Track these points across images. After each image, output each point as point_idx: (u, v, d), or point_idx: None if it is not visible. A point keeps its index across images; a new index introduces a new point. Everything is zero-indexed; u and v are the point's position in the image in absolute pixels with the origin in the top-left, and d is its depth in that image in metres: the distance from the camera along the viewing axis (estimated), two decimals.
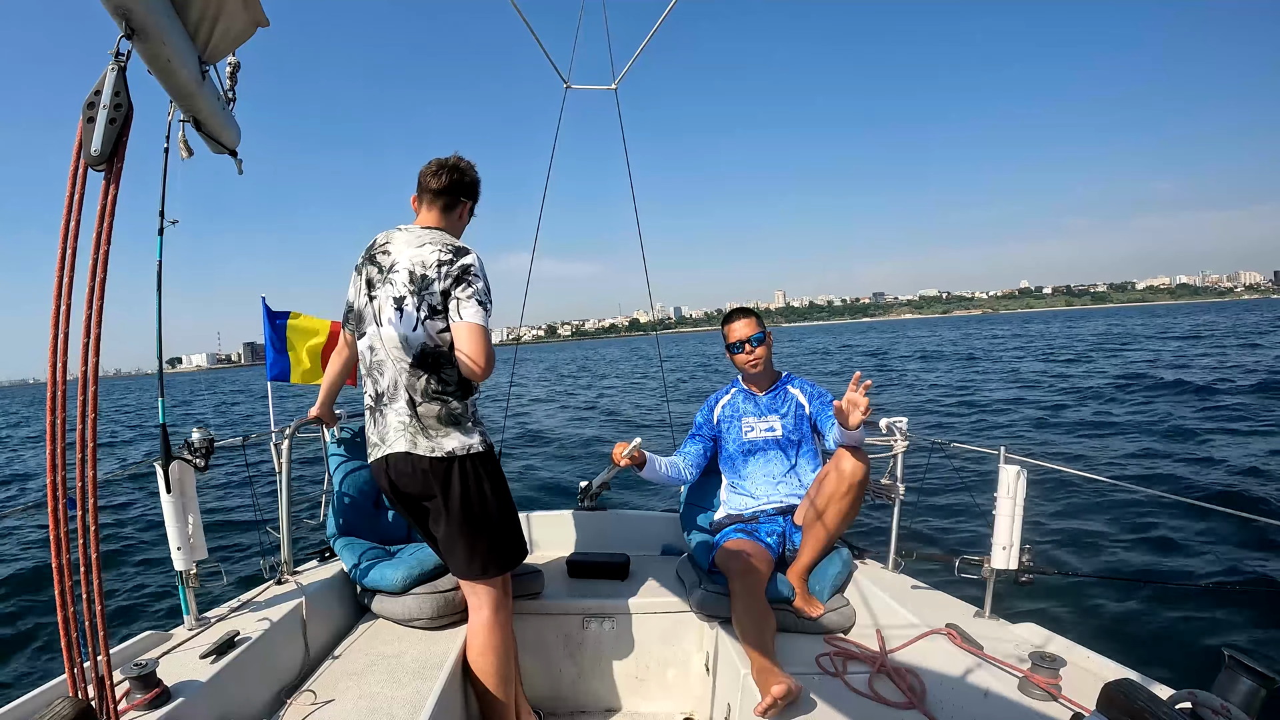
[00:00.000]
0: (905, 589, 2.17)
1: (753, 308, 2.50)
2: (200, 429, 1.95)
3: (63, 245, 0.96)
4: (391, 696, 1.72)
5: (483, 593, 1.85)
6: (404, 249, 1.74)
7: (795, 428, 2.40)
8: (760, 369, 2.43)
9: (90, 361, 0.98)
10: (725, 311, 2.57)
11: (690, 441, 2.55)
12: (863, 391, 1.91)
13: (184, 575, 1.86)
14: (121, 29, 0.98)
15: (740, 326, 2.43)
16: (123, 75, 0.98)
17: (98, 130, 0.95)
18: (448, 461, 1.72)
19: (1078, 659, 1.66)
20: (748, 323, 2.42)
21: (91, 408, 1.00)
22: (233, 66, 1.49)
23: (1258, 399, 10.71)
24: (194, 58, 1.21)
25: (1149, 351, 22.28)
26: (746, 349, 2.41)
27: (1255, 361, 16.51)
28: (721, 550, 2.21)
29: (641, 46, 3.16)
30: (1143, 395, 12.04)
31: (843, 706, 1.66)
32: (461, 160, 1.87)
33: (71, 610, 1.01)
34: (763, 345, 2.40)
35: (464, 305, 1.66)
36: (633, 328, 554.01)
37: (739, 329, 2.43)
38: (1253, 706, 1.07)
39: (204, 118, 1.36)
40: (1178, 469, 6.84)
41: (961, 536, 5.09)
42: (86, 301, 0.98)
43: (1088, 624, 3.68)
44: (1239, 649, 1.14)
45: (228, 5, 1.20)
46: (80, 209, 0.97)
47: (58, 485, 0.99)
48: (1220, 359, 17.90)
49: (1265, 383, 12.12)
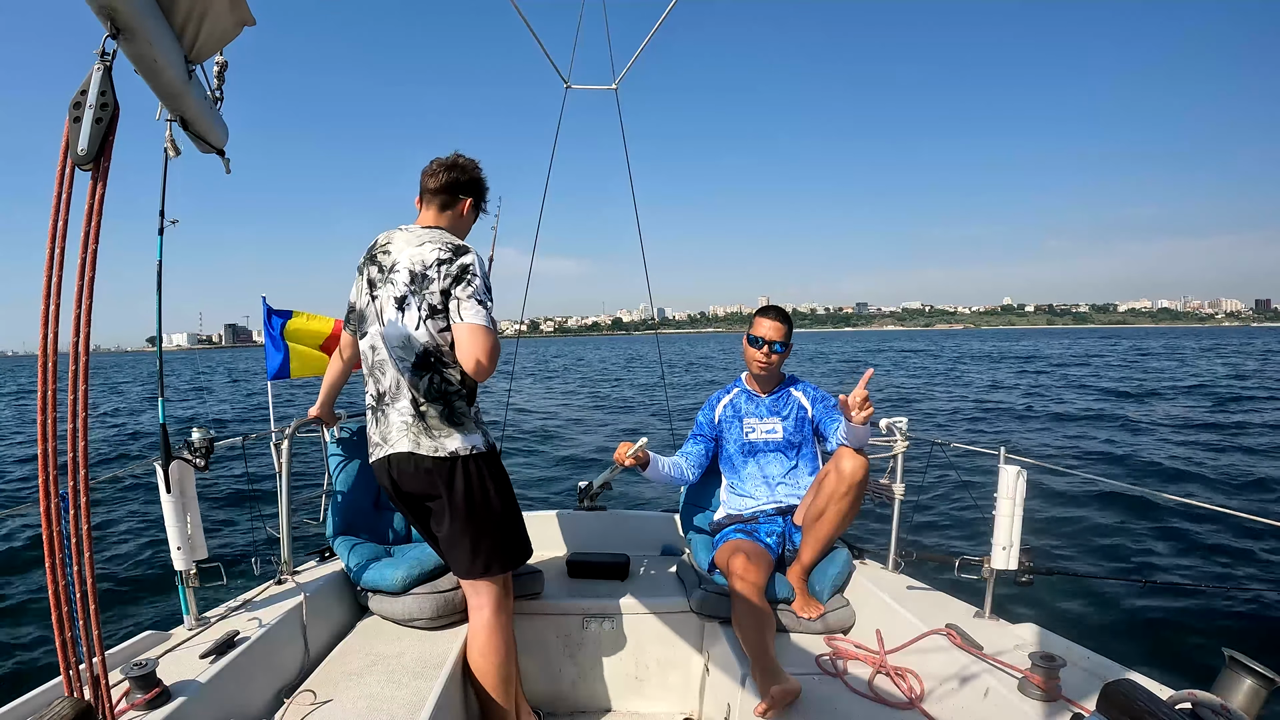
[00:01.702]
0: (905, 589, 2.17)
1: (786, 314, 2.44)
2: (200, 429, 1.95)
3: (51, 244, 0.96)
4: (391, 696, 1.72)
5: (484, 592, 1.85)
6: (404, 248, 1.74)
7: (797, 430, 2.40)
8: (767, 373, 2.43)
9: (81, 362, 0.98)
10: (709, 315, 2.56)
11: (692, 441, 2.54)
12: (863, 383, 1.91)
13: (184, 575, 1.86)
14: (107, 29, 0.98)
15: (769, 327, 2.39)
16: (108, 74, 0.97)
17: (84, 130, 0.95)
18: (451, 461, 1.72)
19: (1078, 659, 1.66)
20: (777, 327, 2.39)
21: (82, 406, 0.99)
22: (220, 66, 1.49)
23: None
24: (180, 57, 1.21)
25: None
26: (765, 350, 2.38)
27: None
28: (721, 550, 2.21)
29: (641, 46, 3.16)
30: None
31: (843, 706, 1.66)
32: (461, 158, 1.87)
33: (65, 610, 1.01)
34: (781, 355, 2.39)
35: (464, 305, 1.66)
36: (615, 326, 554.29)
37: (767, 328, 2.38)
38: (1253, 706, 1.07)
39: (191, 117, 1.36)
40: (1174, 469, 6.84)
41: (961, 536, 5.09)
42: (75, 300, 0.97)
43: (1088, 624, 3.68)
44: (1239, 649, 1.14)
45: (214, 4, 1.19)
46: (68, 208, 0.96)
47: (49, 484, 0.99)
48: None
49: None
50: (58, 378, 0.98)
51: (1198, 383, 17.31)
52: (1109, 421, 10.69)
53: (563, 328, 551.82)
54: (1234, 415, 11.26)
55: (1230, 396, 14.25)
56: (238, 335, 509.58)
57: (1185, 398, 13.89)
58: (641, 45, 3.16)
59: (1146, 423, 10.03)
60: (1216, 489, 6.40)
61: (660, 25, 3.01)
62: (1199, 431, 9.50)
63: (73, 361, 0.98)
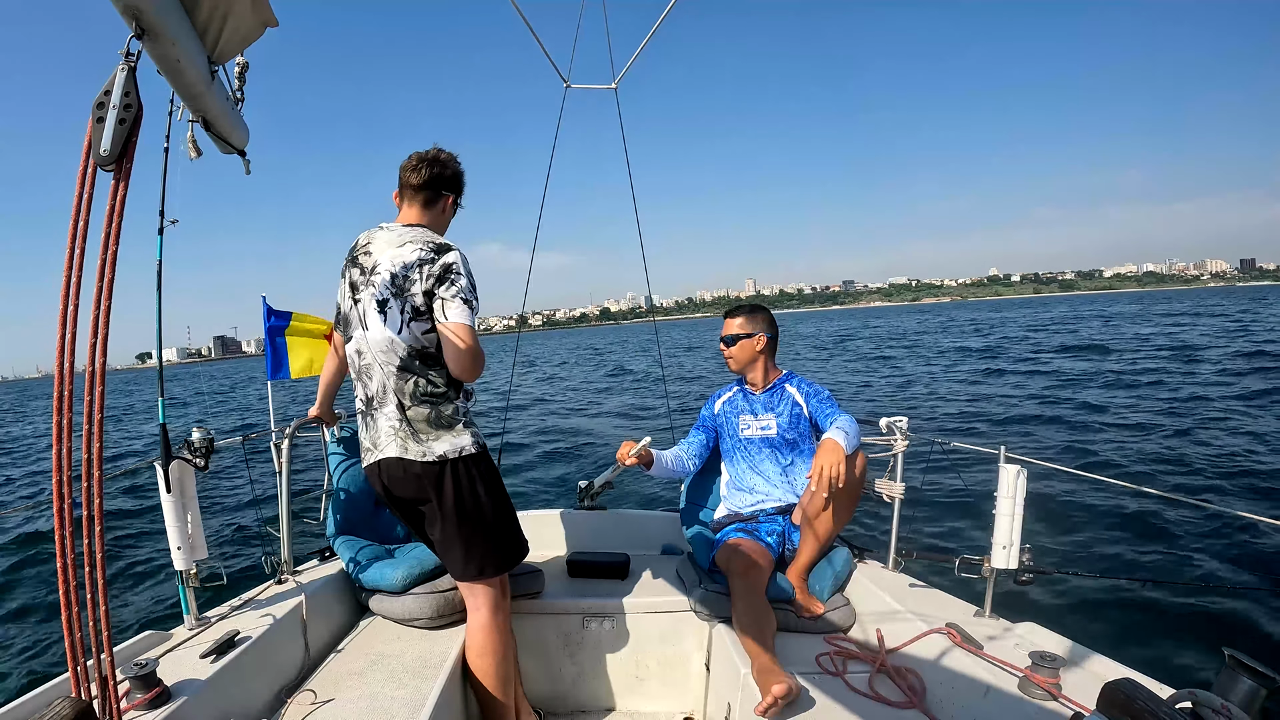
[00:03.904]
0: (905, 588, 2.17)
1: (753, 305, 2.48)
2: (200, 429, 1.95)
3: (71, 244, 0.96)
4: (391, 696, 1.72)
5: (480, 593, 1.84)
6: (385, 249, 1.70)
7: (791, 426, 2.39)
8: (735, 367, 2.46)
9: (98, 362, 0.98)
10: (696, 301, 2.58)
11: (694, 432, 2.57)
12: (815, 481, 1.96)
13: (184, 575, 1.86)
14: (132, 29, 0.98)
15: (727, 324, 2.46)
16: (133, 75, 0.97)
17: (107, 130, 0.95)
18: (439, 465, 1.69)
19: (1078, 658, 1.66)
20: (731, 321, 2.45)
21: (98, 408, 0.99)
22: (241, 67, 1.49)
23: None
24: (203, 58, 1.21)
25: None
26: (722, 346, 2.46)
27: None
28: (722, 549, 2.21)
29: (641, 46, 3.16)
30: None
31: (843, 706, 1.66)
32: (442, 152, 1.82)
33: (76, 610, 1.01)
34: (736, 346, 2.42)
35: (449, 305, 1.63)
36: (604, 317, 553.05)
37: (727, 325, 2.46)
38: (1253, 706, 1.07)
39: (213, 118, 1.36)
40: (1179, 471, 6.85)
41: (961, 536, 5.09)
42: (95, 301, 0.98)
43: (1088, 624, 3.68)
44: (1239, 649, 1.14)
45: (236, 5, 1.19)
46: (89, 209, 0.97)
47: (63, 485, 0.99)
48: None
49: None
50: (74, 379, 0.98)
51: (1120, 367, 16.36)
52: (1072, 408, 10.70)
53: (551, 321, 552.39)
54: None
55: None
56: (227, 347, 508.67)
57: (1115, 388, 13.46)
58: (641, 45, 3.15)
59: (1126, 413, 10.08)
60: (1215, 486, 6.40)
61: (659, 25, 3.01)
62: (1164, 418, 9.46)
63: (90, 362, 0.98)
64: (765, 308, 2.49)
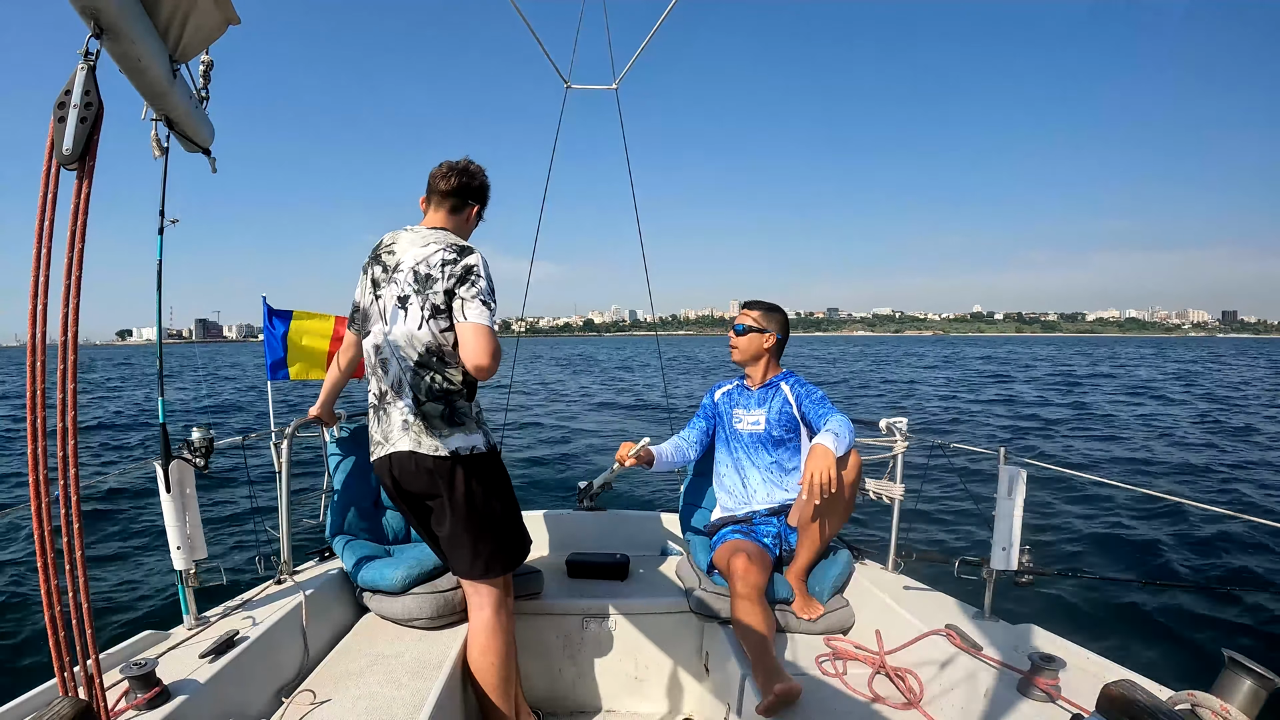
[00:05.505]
0: (905, 590, 2.17)
1: (771, 304, 2.47)
2: (200, 429, 1.95)
3: (38, 243, 0.96)
4: (391, 696, 1.72)
5: (485, 592, 1.86)
6: (409, 248, 1.75)
7: (779, 423, 2.39)
8: (738, 358, 2.46)
9: (69, 360, 0.98)
10: (680, 319, 2.59)
11: (695, 420, 2.59)
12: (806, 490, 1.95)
13: (183, 575, 1.85)
14: (90, 28, 0.98)
15: (743, 314, 2.47)
16: (93, 74, 0.98)
17: (69, 129, 0.95)
18: (451, 461, 1.72)
19: (1077, 659, 1.66)
20: (747, 312, 2.46)
21: (71, 405, 0.99)
22: (205, 65, 1.49)
23: None
24: (165, 57, 1.21)
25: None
26: (731, 333, 2.47)
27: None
28: (721, 551, 2.21)
29: (642, 46, 3.16)
30: None
31: (842, 707, 1.66)
32: (472, 164, 1.88)
33: (59, 609, 1.00)
34: (745, 337, 2.42)
35: (468, 305, 1.67)
36: (587, 328, 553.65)
37: (742, 315, 2.47)
38: (1253, 707, 1.07)
39: (177, 117, 1.35)
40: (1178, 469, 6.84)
41: (961, 537, 5.09)
42: (63, 299, 0.98)
43: (1088, 624, 3.67)
44: (1239, 649, 1.13)
45: (199, 3, 1.19)
46: (54, 208, 0.97)
47: (40, 485, 0.98)
48: None
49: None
50: (46, 376, 0.98)
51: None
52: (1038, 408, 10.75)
53: (534, 328, 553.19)
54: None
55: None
56: (208, 330, 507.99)
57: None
58: (642, 45, 3.16)
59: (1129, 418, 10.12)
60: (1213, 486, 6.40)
61: (660, 25, 3.01)
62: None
63: (61, 360, 0.98)
64: (783, 309, 2.49)
